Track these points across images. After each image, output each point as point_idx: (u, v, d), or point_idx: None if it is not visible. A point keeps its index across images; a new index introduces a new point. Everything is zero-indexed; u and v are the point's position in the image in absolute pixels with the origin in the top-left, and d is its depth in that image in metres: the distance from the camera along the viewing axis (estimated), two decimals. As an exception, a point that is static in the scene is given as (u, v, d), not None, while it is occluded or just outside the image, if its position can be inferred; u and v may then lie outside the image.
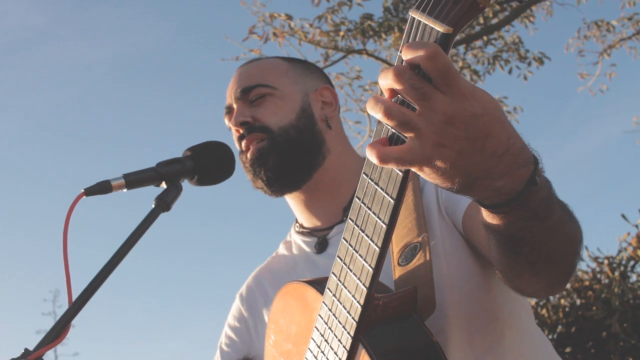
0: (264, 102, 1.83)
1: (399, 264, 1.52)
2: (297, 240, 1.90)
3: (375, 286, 1.25)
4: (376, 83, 9.98)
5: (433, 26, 1.05)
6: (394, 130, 1.08)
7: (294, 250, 1.90)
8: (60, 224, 1.40)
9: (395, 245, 1.56)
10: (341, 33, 9.15)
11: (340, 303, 1.32)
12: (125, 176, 1.50)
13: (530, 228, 1.22)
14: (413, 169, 1.09)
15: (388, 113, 1.04)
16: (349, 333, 1.31)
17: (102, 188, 1.48)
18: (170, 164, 1.55)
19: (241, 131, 1.82)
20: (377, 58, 9.64)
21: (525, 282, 1.40)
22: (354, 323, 1.29)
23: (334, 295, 1.34)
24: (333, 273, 1.33)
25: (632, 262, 8.21)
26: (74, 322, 1.36)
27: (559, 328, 7.96)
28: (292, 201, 1.89)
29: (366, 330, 1.31)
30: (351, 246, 1.26)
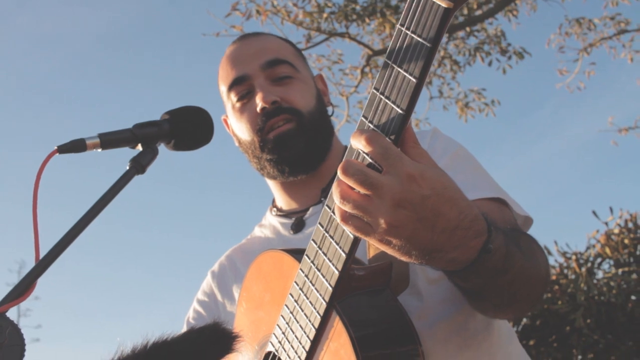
0: (290, 83, 1.79)
1: None
2: (273, 222, 1.88)
3: (354, 252, 1.24)
4: (356, 67, 9.96)
5: (435, 0, 1.08)
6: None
7: (269, 232, 1.88)
8: (30, 185, 1.37)
9: None
10: (324, 15, 9.11)
11: (318, 269, 1.31)
12: (101, 136, 1.46)
13: (490, 283, 1.29)
14: (369, 242, 1.18)
15: (343, 198, 1.13)
16: (323, 299, 1.30)
17: (76, 146, 1.44)
18: (147, 127, 1.51)
19: (267, 109, 1.75)
20: (359, 42, 9.61)
21: (491, 316, 1.52)
22: (330, 289, 1.28)
23: (312, 261, 1.33)
24: (313, 240, 1.32)
25: (599, 259, 8.31)
26: (39, 294, 1.33)
27: (524, 320, 8.03)
28: (277, 184, 1.86)
29: (340, 299, 1.31)
30: (334, 213, 1.25)
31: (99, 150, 1.46)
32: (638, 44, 10.48)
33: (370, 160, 1.12)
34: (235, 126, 1.84)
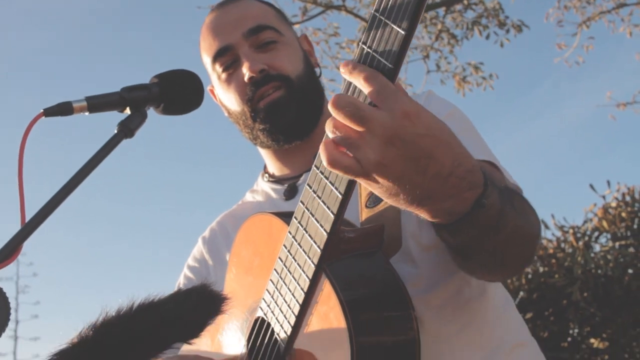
0: (275, 48, 1.74)
1: (366, 206, 1.50)
2: (265, 188, 1.85)
3: (342, 214, 1.21)
4: (353, 41, 9.90)
5: None
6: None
7: (261, 198, 1.85)
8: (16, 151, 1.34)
9: (364, 189, 1.53)
10: (321, -13, 9.04)
11: (306, 231, 1.28)
12: (88, 99, 1.43)
13: (481, 241, 1.24)
14: (358, 181, 1.12)
15: (335, 129, 1.08)
16: (312, 261, 1.27)
17: (63, 109, 1.41)
18: (136, 90, 1.48)
19: (255, 78, 1.70)
20: (356, 15, 9.54)
21: (478, 276, 1.46)
22: (319, 251, 1.25)
23: (300, 223, 1.30)
24: (301, 201, 1.29)
25: (596, 233, 8.31)
26: (37, 270, 1.31)
27: (521, 294, 8.06)
28: (270, 152, 1.83)
29: (330, 262, 1.28)
30: (321, 173, 1.22)
31: (86, 113, 1.43)
32: (637, 17, 10.44)
33: (365, 95, 1.07)
34: (224, 97, 1.81)
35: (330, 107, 1.07)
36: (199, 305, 1.12)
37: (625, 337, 7.78)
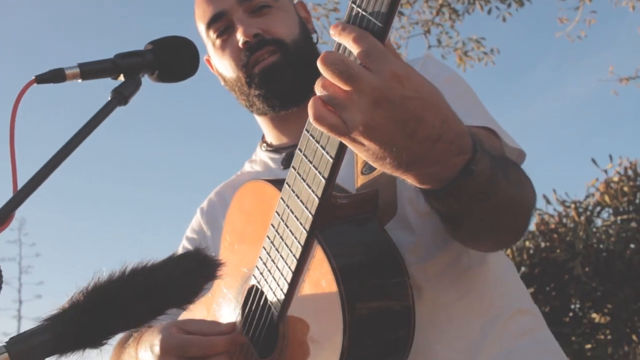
0: (270, 12, 1.71)
1: (362, 173, 1.48)
2: (263, 158, 1.84)
3: (334, 178, 1.19)
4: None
5: None
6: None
7: (259, 168, 1.84)
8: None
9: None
10: (321, -39, 8.96)
11: (298, 197, 1.26)
12: (81, 65, 1.41)
13: (470, 208, 1.22)
14: (344, 142, 1.10)
15: (322, 88, 1.07)
16: (304, 227, 1.25)
17: (55, 76, 1.39)
18: (130, 56, 1.46)
19: (250, 42, 1.68)
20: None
21: (470, 246, 1.45)
22: (310, 217, 1.23)
23: (292, 189, 1.28)
24: (292, 167, 1.28)
25: (598, 208, 8.30)
26: (39, 251, 1.30)
27: (523, 269, 8.07)
28: (267, 119, 1.81)
29: (323, 228, 1.27)
30: (312, 137, 1.21)
31: (79, 80, 1.41)
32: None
33: (355, 57, 1.05)
34: (219, 64, 1.79)
35: (319, 64, 1.06)
36: (192, 269, 1.10)
37: (627, 311, 7.80)
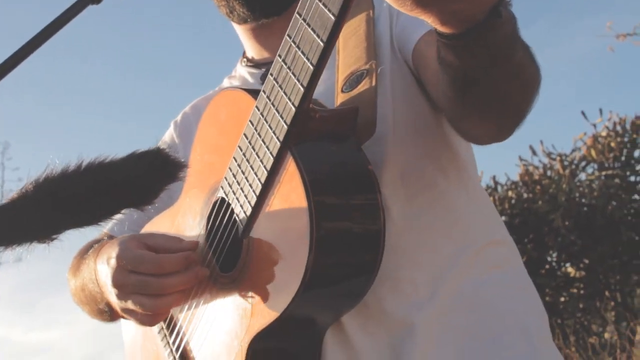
0: None
1: (342, 91, 1.42)
2: (243, 73, 1.76)
3: (313, 88, 1.13)
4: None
5: None
6: None
7: (238, 83, 1.76)
8: None
9: (341, 74, 1.45)
10: None
11: (274, 105, 1.20)
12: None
13: (487, 68, 1.13)
14: None
15: None
16: (278, 138, 1.19)
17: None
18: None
19: None
20: None
21: (471, 124, 1.35)
22: (285, 127, 1.17)
23: (268, 97, 1.22)
24: (270, 74, 1.21)
25: (584, 162, 8.30)
26: (22, 175, 1.23)
27: (504, 218, 8.09)
28: (248, 31, 1.74)
29: (298, 141, 1.21)
30: (293, 42, 1.14)
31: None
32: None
33: None
34: None
35: None
36: (152, 168, 1.03)
37: (603, 266, 7.86)
